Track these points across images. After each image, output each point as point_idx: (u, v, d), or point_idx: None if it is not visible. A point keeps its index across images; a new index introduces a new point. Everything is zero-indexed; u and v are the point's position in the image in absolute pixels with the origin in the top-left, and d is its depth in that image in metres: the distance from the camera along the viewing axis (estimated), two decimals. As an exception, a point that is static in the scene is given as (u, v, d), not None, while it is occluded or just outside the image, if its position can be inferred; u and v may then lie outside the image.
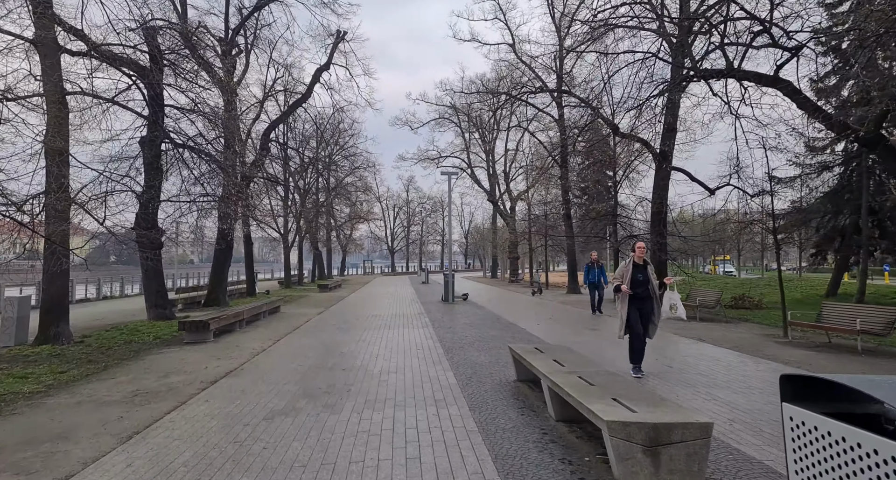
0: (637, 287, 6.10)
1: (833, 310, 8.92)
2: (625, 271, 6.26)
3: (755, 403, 4.95)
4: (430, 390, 5.53)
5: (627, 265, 6.29)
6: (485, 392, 5.39)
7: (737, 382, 5.86)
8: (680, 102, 14.00)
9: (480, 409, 4.78)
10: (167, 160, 13.20)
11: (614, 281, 6.36)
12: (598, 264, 13.72)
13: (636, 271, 6.19)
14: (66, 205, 9.02)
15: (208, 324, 9.31)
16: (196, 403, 5.22)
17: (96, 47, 9.97)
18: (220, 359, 7.69)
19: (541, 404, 4.88)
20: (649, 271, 6.25)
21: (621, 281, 6.23)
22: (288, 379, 6.18)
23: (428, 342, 8.96)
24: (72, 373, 6.85)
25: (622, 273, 6.30)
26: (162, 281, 13.45)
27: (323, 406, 4.96)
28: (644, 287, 6.13)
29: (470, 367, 6.72)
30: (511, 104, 29.16)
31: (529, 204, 32.24)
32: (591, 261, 14.20)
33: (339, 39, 20.25)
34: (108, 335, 10.28)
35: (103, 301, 21.69)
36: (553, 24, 22.62)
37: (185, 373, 6.73)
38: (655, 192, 15.23)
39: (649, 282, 6.17)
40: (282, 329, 11.01)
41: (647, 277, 6.18)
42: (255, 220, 21.36)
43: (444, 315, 13.49)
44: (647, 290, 6.13)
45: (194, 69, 12.36)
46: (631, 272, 6.19)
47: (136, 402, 5.35)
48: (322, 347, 8.58)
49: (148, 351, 8.54)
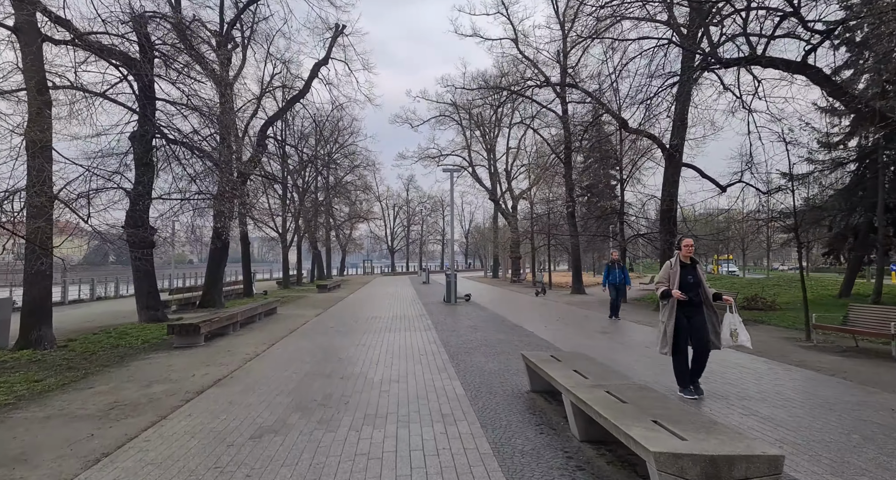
0: (687, 291, 5.14)
1: (861, 312, 8.41)
2: (671, 273, 5.26)
3: (800, 419, 4.45)
4: (436, 402, 5.02)
5: (673, 265, 5.29)
6: (497, 405, 4.89)
7: (772, 393, 5.36)
8: (691, 95, 13.49)
9: (493, 426, 4.27)
10: (159, 157, 12.69)
11: (659, 285, 5.33)
12: (620, 265, 12.69)
13: (685, 272, 5.23)
14: (48, 202, 8.51)
15: (199, 328, 8.80)
16: (177, 417, 4.71)
17: (81, 36, 9.46)
18: (209, 366, 7.19)
19: (560, 419, 4.38)
20: (700, 272, 5.28)
21: (668, 284, 5.23)
22: (281, 389, 5.68)
23: (431, 346, 8.46)
24: (48, 382, 6.34)
25: (668, 275, 5.28)
26: (154, 282, 12.94)
27: (318, 422, 4.45)
28: (695, 291, 5.16)
29: (478, 375, 6.22)
30: (513, 101, 28.68)
31: (532, 203, 31.73)
32: (611, 260, 13.08)
33: (337, 33, 19.74)
34: (95, 339, 9.76)
35: (97, 302, 21.19)
36: (557, 18, 22.11)
37: (170, 382, 6.23)
38: (665, 189, 14.73)
39: (700, 285, 5.19)
40: (278, 332, 10.50)
41: (697, 279, 5.21)
42: (252, 219, 20.86)
43: (446, 317, 12.99)
44: (698, 294, 5.17)
45: (187, 61, 11.84)
46: (679, 274, 5.21)
47: (112, 416, 4.84)
48: (319, 351, 8.08)
49: (134, 357, 8.04)
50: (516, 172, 38.87)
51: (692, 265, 5.29)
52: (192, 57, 11.86)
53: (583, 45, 16.41)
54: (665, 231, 14.80)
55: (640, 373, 6.25)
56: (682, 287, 5.12)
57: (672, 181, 14.54)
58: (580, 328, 10.90)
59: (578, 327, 11.03)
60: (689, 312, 5.13)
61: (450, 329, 10.52)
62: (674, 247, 5.44)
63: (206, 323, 9.14)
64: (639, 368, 6.58)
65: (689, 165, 14.85)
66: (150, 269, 12.63)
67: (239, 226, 20.18)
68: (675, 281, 5.16)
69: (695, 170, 14.79)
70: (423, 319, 12.50)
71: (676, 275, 5.21)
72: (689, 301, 5.10)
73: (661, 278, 5.38)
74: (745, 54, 9.12)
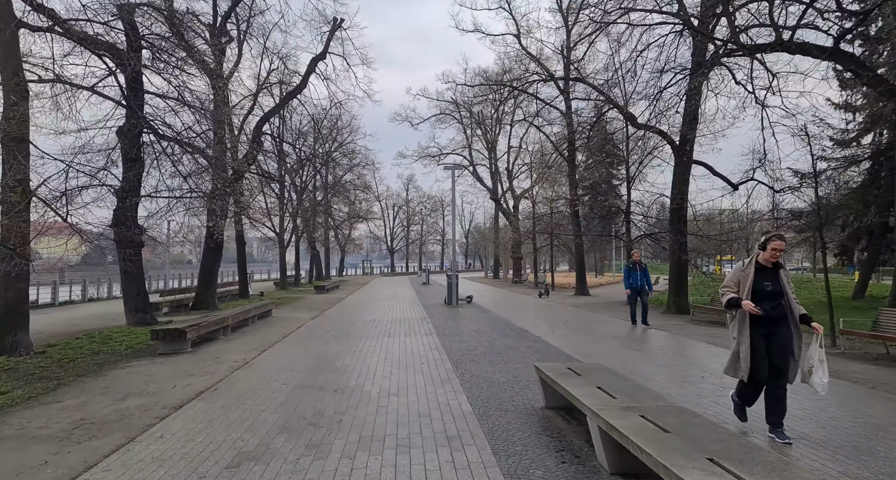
0: (765, 302, 3.94)
1: (893, 317, 7.86)
2: (741, 277, 4.11)
3: (857, 443, 3.91)
4: (440, 421, 4.47)
5: (746, 267, 4.14)
6: (509, 426, 4.34)
7: (814, 410, 4.82)
8: (702, 89, 12.94)
9: (507, 452, 3.72)
10: (148, 153, 12.12)
11: (726, 291, 4.17)
12: (642, 266, 11.14)
13: (761, 277, 4.03)
14: (23, 199, 7.96)
15: (185, 333, 8.24)
16: (147, 439, 4.16)
17: (61, 22, 8.91)
18: (192, 375, 6.63)
19: (583, 443, 3.83)
20: (783, 279, 4.04)
21: (737, 291, 4.09)
22: (267, 404, 5.12)
23: (433, 353, 7.91)
24: (14, 394, 5.79)
25: (738, 279, 4.14)
26: (142, 283, 12.39)
27: (305, 447, 3.90)
28: (774, 303, 3.97)
29: (485, 387, 5.67)
30: (515, 98, 28.17)
31: (534, 202, 31.19)
32: (632, 261, 11.41)
33: (335, 27, 19.18)
34: (76, 345, 9.20)
35: (88, 303, 20.65)
36: (560, 12, 21.57)
37: (148, 395, 5.67)
38: (675, 187, 14.19)
39: (783, 295, 3.99)
40: (270, 337, 9.95)
41: (780, 287, 4.00)
42: (248, 218, 20.33)
43: (448, 320, 12.44)
44: (778, 307, 3.99)
45: (176, 52, 11.29)
46: (753, 279, 4.02)
47: (74, 438, 4.29)
48: (313, 359, 7.52)
49: (114, 364, 7.48)
50: (518, 172, 38.37)
51: (773, 270, 4.08)
52: (181, 46, 11.31)
53: (589, 39, 15.90)
54: (675, 231, 14.26)
55: (663, 385, 5.70)
56: (756, 296, 3.98)
57: (682, 179, 14.00)
58: (588, 332, 10.36)
59: (586, 331, 10.48)
60: (768, 328, 3.96)
61: (452, 334, 9.97)
62: (758, 245, 4.28)
63: (193, 328, 8.58)
64: (661, 380, 6.03)
65: (700, 162, 14.33)
66: (139, 269, 12.08)
67: (234, 225, 19.65)
68: (748, 288, 4.01)
69: (705, 167, 14.26)
70: (424, 322, 11.95)
71: (749, 280, 4.03)
72: (766, 315, 3.95)
73: (728, 282, 4.24)
74: (769, 41, 8.54)
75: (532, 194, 32.69)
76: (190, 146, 11.77)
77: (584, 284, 22.51)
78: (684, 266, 14.26)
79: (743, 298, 4.00)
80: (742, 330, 4.01)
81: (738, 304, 3.99)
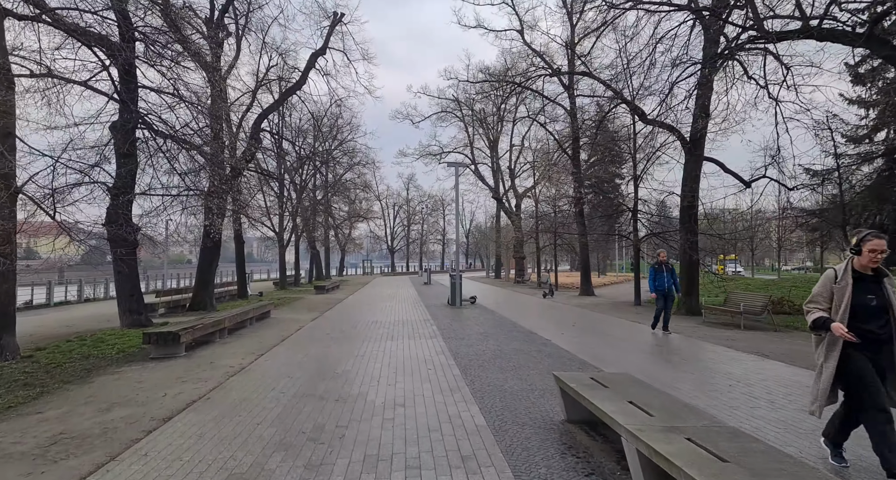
0: (868, 322, 3.16)
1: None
2: (835, 289, 3.28)
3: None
4: (451, 437, 4.07)
5: (842, 277, 3.28)
6: (528, 443, 3.94)
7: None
8: (713, 84, 12.55)
9: (529, 475, 3.33)
10: (143, 150, 11.72)
11: (812, 308, 3.36)
12: (669, 266, 10.08)
13: (862, 289, 3.22)
14: (9, 196, 7.56)
15: (178, 336, 7.84)
16: (129, 459, 3.77)
17: (49, 11, 8.50)
18: (185, 382, 6.24)
19: (614, 465, 3.43)
20: (888, 290, 3.22)
21: (827, 308, 3.30)
22: (263, 416, 4.73)
23: (439, 357, 7.51)
24: (-8, 404, 5.40)
25: (829, 292, 3.31)
26: (137, 283, 11.98)
27: (304, 468, 3.51)
28: (883, 321, 3.18)
29: (498, 397, 5.27)
30: (518, 95, 27.75)
31: (537, 201, 30.77)
32: (657, 262, 10.23)
33: (336, 21, 18.78)
34: (66, 348, 8.82)
35: (84, 304, 20.26)
36: (564, 6, 21.16)
37: (136, 404, 5.28)
38: (686, 184, 13.78)
39: (891, 308, 3.18)
40: (268, 340, 9.55)
41: (886, 300, 3.19)
42: (246, 217, 19.92)
43: (452, 322, 12.04)
44: (886, 326, 3.18)
45: (172, 45, 10.88)
46: (851, 291, 3.20)
47: (51, 455, 3.90)
48: (313, 364, 7.13)
49: (103, 370, 7.09)
50: (520, 170, 37.95)
51: (874, 278, 3.25)
52: (176, 38, 10.89)
53: (595, 33, 15.49)
54: (685, 230, 13.86)
55: (691, 395, 5.30)
56: (859, 313, 3.17)
57: (693, 176, 13.60)
58: (598, 334, 9.96)
59: (598, 333, 10.08)
60: (871, 352, 3.17)
61: (458, 337, 9.57)
62: (849, 249, 3.34)
63: (187, 331, 8.18)
64: (686, 389, 5.63)
65: (712, 158, 13.91)
66: (133, 269, 11.68)
67: (232, 224, 19.24)
68: (845, 303, 3.19)
69: (717, 164, 13.84)
70: (428, 324, 11.55)
71: (847, 293, 3.20)
72: (871, 336, 3.15)
73: (816, 295, 3.36)
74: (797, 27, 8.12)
75: (535, 193, 32.29)
76: (186, 143, 11.37)
77: (588, 284, 22.12)
78: (695, 266, 13.86)
79: (837, 317, 3.20)
80: (829, 353, 3.25)
81: (827, 326, 3.20)
